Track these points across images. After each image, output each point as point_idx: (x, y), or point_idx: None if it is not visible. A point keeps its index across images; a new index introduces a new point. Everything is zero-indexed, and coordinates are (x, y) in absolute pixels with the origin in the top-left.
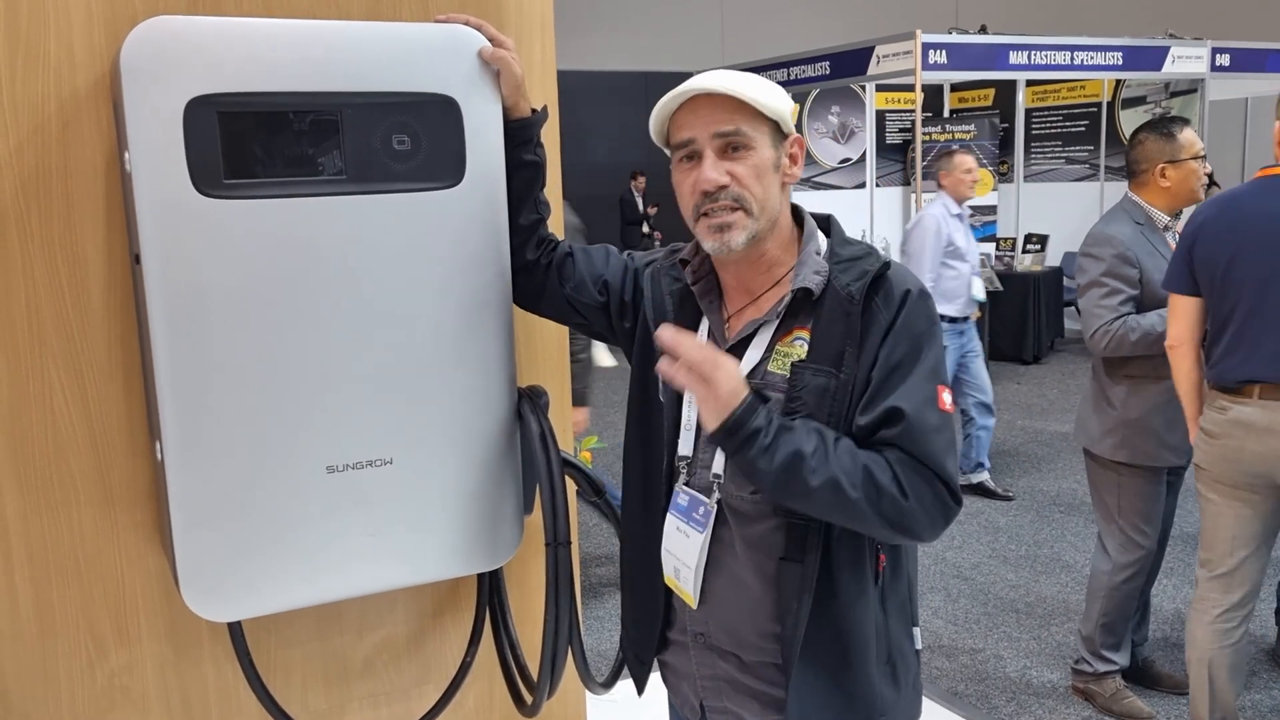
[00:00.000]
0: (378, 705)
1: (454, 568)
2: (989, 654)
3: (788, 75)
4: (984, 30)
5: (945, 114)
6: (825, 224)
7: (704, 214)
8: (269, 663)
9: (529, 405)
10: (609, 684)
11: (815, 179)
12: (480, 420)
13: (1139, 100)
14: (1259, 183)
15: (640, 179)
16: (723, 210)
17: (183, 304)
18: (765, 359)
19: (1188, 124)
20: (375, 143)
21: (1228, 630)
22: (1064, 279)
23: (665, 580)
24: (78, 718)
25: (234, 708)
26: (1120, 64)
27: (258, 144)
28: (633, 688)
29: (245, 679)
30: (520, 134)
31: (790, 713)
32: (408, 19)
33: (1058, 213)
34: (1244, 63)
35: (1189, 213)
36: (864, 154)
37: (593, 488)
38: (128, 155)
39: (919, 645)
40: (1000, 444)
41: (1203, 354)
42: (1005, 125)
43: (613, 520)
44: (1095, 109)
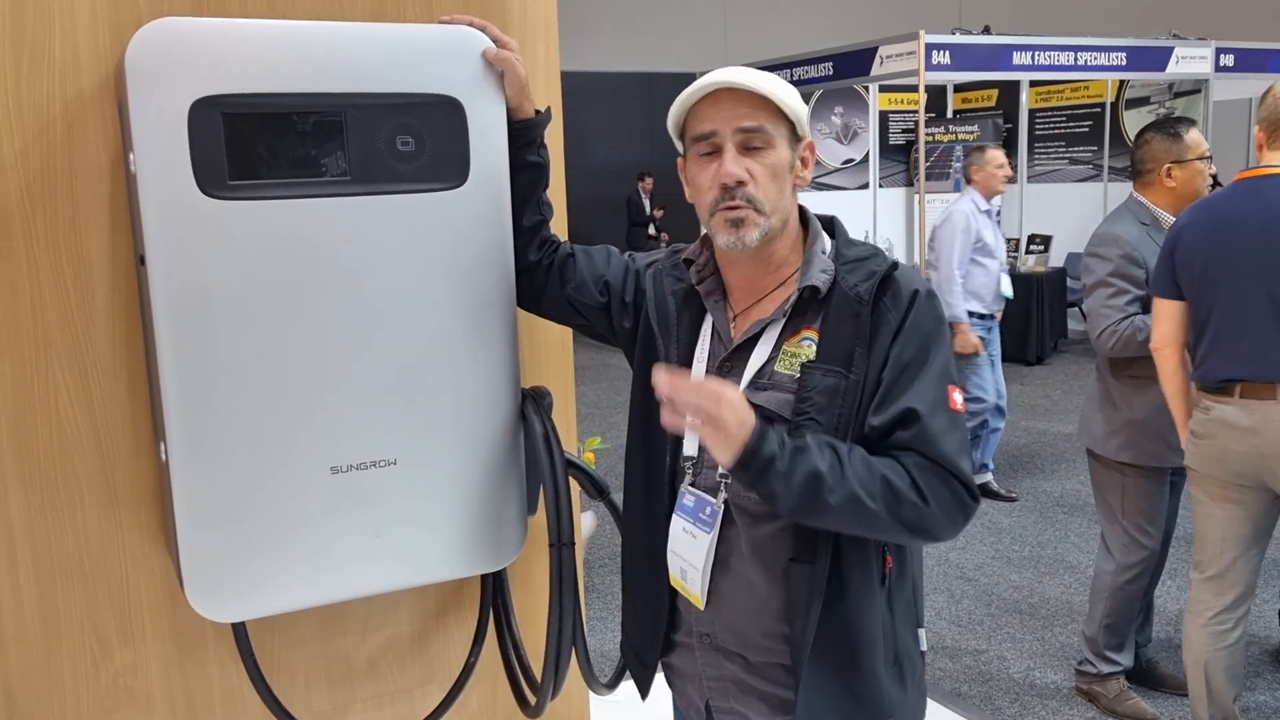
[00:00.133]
0: (381, 706)
1: (458, 568)
2: (992, 655)
3: (791, 76)
4: (987, 31)
5: (949, 115)
6: (829, 225)
7: (721, 208)
8: (273, 663)
9: (533, 406)
10: (612, 685)
11: (818, 179)
12: (484, 421)
13: (1143, 101)
14: (1237, 185)
15: (647, 180)
16: (738, 207)
17: (187, 305)
18: (772, 359)
19: (1194, 124)
20: (379, 144)
21: (1223, 632)
22: (1067, 280)
23: (671, 582)
24: (82, 718)
25: (238, 708)
26: (1124, 64)
27: (262, 145)
28: (636, 689)
29: (249, 679)
30: (524, 135)
31: (800, 714)
32: (412, 20)
33: (1061, 213)
34: (1248, 63)
35: None
36: (867, 155)
37: (596, 489)
38: (132, 156)
39: (924, 646)
40: (1003, 445)
41: (1188, 357)
42: (1009, 126)
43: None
44: (1099, 109)
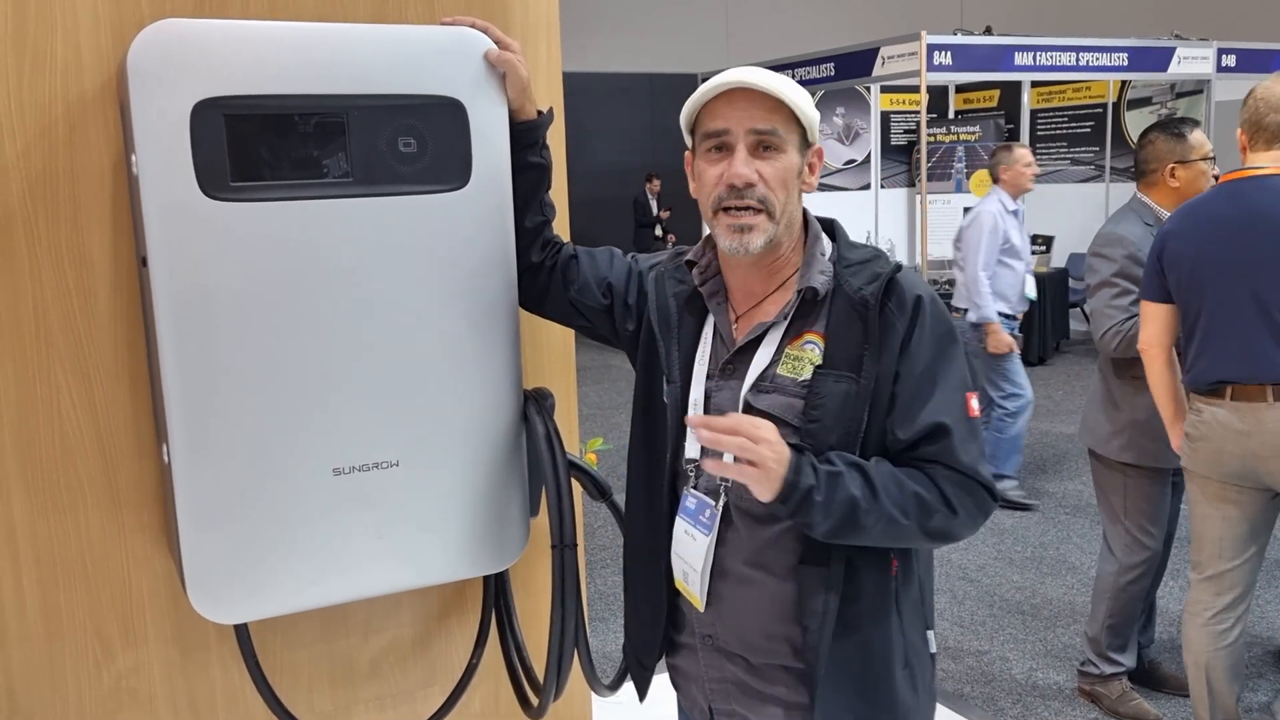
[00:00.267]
0: (384, 707)
1: (460, 570)
2: (995, 656)
3: (793, 76)
4: (989, 31)
5: (950, 115)
6: (829, 228)
7: (725, 209)
8: (275, 665)
9: (535, 407)
10: (615, 686)
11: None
12: (486, 422)
13: (1145, 101)
14: (1222, 188)
15: (655, 182)
16: (745, 211)
17: (189, 306)
18: (774, 361)
19: (1198, 125)
20: (381, 145)
21: (1222, 632)
22: (1069, 280)
23: (675, 583)
24: None
25: (240, 709)
26: (1126, 65)
27: (264, 146)
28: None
29: (251, 681)
30: (526, 136)
31: (819, 718)
32: (413, 21)
33: (1063, 214)
34: (1250, 63)
35: None
36: (869, 155)
37: (598, 490)
38: (135, 158)
39: (933, 648)
40: None
41: (1176, 358)
42: (1010, 126)
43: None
44: (1101, 110)
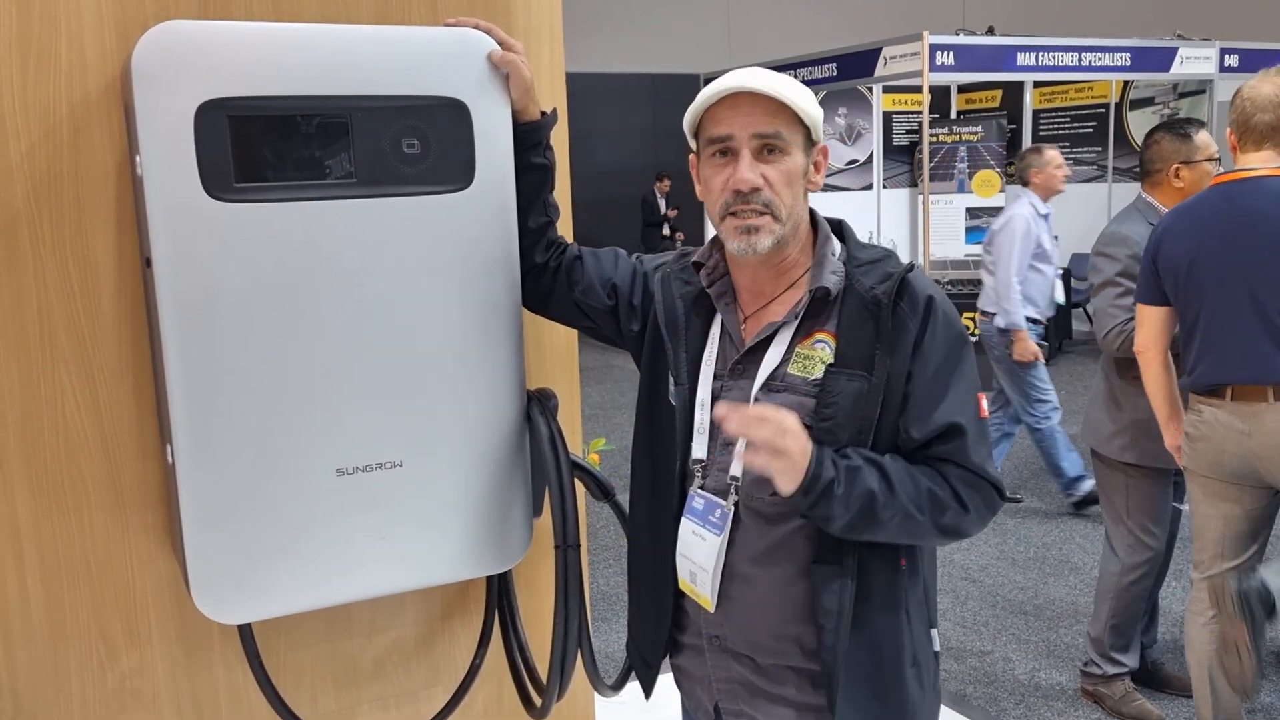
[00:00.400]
0: (387, 707)
1: (463, 570)
2: (997, 656)
3: (795, 77)
4: (991, 31)
5: (952, 115)
6: (838, 228)
7: (732, 213)
8: (279, 665)
9: (538, 408)
10: (618, 686)
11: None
12: (489, 423)
13: (1147, 101)
14: (1214, 190)
15: (665, 182)
16: (751, 213)
17: (193, 307)
18: (784, 361)
19: (1204, 126)
20: (385, 146)
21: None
22: (1072, 280)
23: (680, 584)
24: None
25: (244, 710)
26: (1128, 65)
27: (268, 147)
28: (640, 689)
29: (255, 681)
30: (529, 137)
31: (838, 718)
32: (417, 23)
33: (1065, 214)
34: (1252, 63)
35: None
36: (871, 156)
37: (601, 490)
38: (139, 159)
39: (937, 647)
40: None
41: (1171, 360)
42: (1013, 127)
43: (624, 523)
44: (1103, 110)
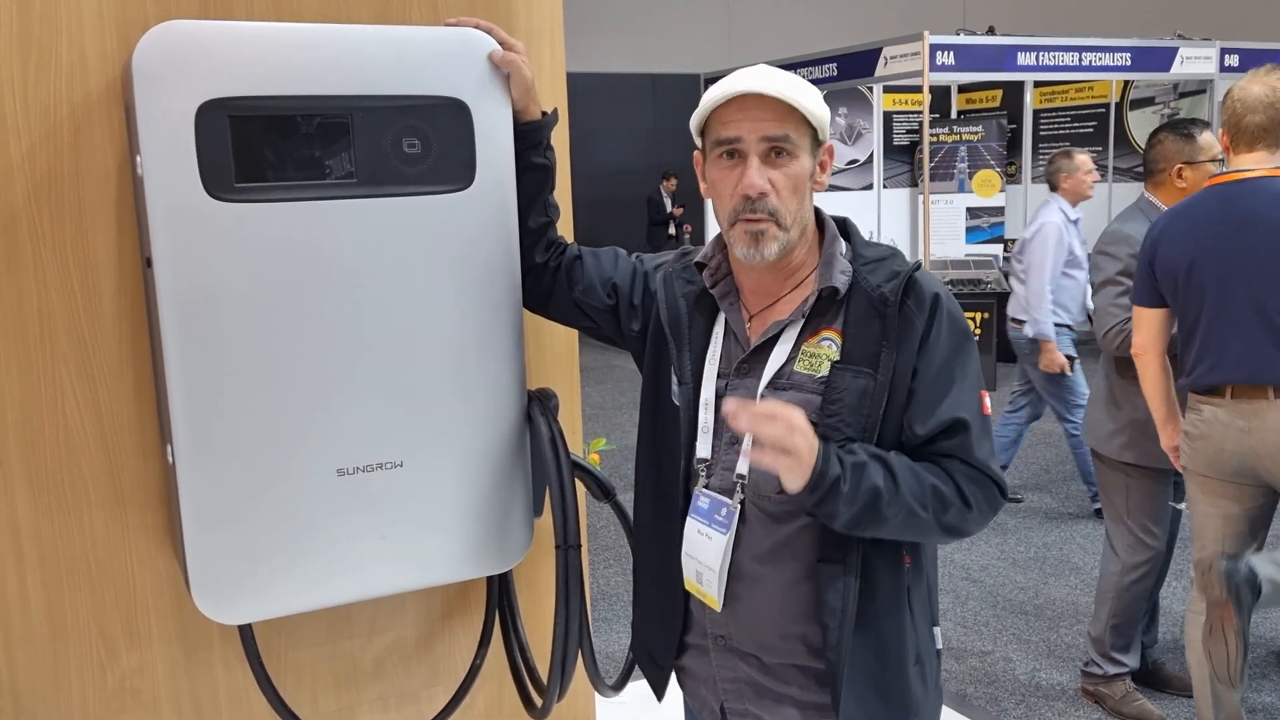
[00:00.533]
0: (387, 708)
1: (464, 570)
2: (998, 656)
3: None
4: (991, 31)
5: (953, 115)
6: (843, 226)
7: (742, 219)
8: (279, 665)
9: (539, 408)
10: (618, 687)
11: None
12: (490, 423)
13: (1147, 101)
14: (1210, 191)
15: (671, 181)
16: (759, 219)
17: (194, 307)
18: (791, 359)
19: (1208, 126)
20: (386, 146)
21: None
22: None
23: (685, 584)
24: None
25: (244, 710)
26: (1128, 65)
27: (269, 147)
28: (644, 690)
29: (256, 681)
30: (530, 137)
31: (842, 716)
32: (418, 22)
33: None
34: (1253, 63)
35: None
36: (871, 155)
37: (602, 490)
38: (139, 159)
39: (939, 645)
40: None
41: (1168, 362)
42: (1013, 126)
43: (625, 524)
44: (1103, 110)
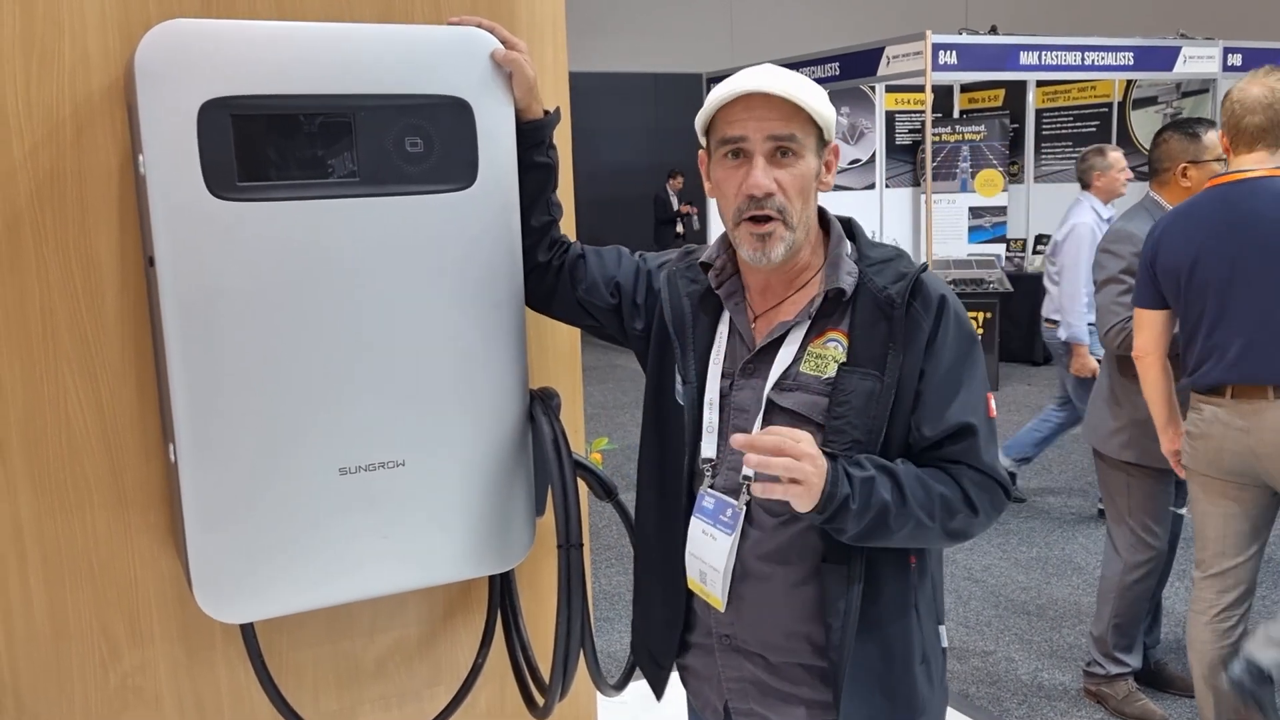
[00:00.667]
0: (389, 707)
1: (466, 569)
2: (1000, 656)
3: None
4: (994, 31)
5: (955, 115)
6: (848, 227)
7: (747, 219)
8: (281, 664)
9: (541, 407)
10: (620, 686)
11: None
12: (492, 422)
13: (1150, 101)
14: (1211, 192)
15: (678, 179)
16: (765, 218)
17: (196, 306)
18: (797, 360)
19: (1213, 126)
20: (388, 145)
21: (1226, 630)
22: None
23: (689, 584)
24: (90, 719)
25: (246, 709)
26: (1131, 64)
27: (271, 146)
28: (645, 690)
29: (257, 680)
30: (532, 136)
31: (843, 716)
32: (420, 21)
33: None
34: (1256, 63)
35: None
36: (873, 155)
37: (604, 489)
38: (142, 158)
39: (945, 643)
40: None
41: (1169, 365)
42: (1015, 126)
43: (627, 523)
44: (1106, 109)
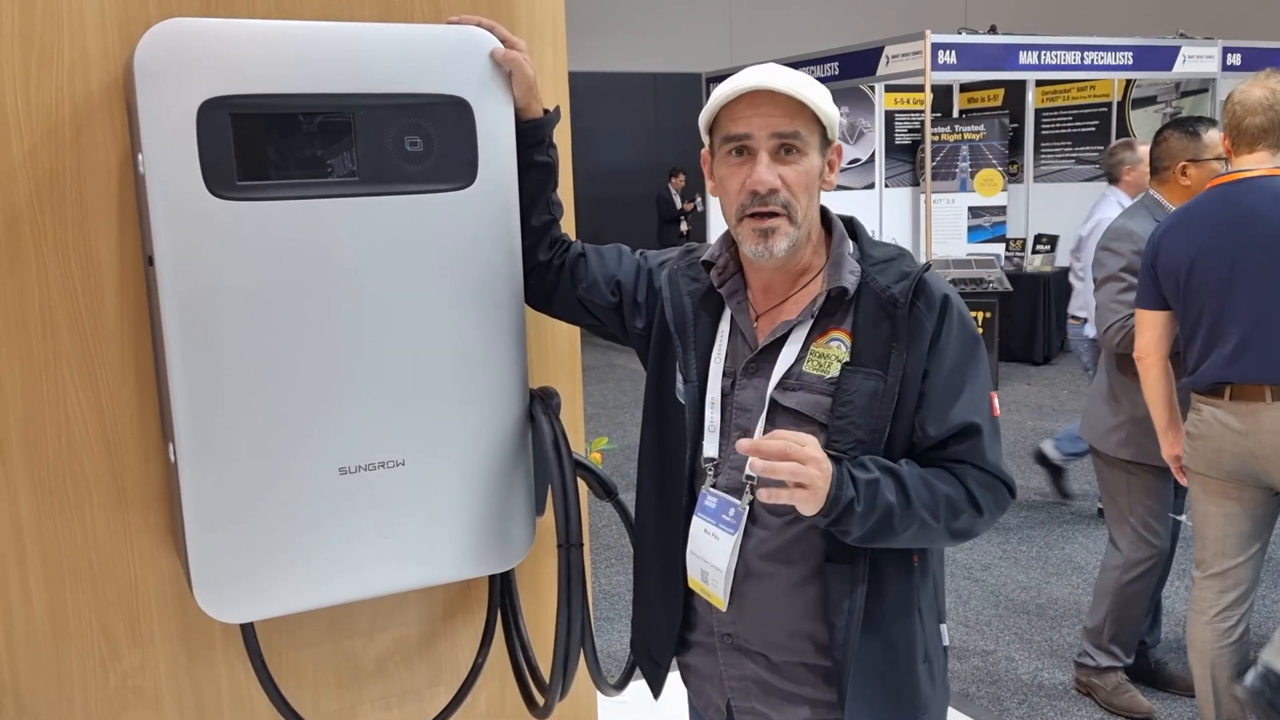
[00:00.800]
0: (389, 706)
1: (466, 569)
2: (1000, 656)
3: None
4: (993, 30)
5: (954, 114)
6: (850, 225)
7: (750, 215)
8: (281, 664)
9: (541, 406)
10: (620, 685)
11: None
12: (492, 421)
13: (1149, 100)
14: (1212, 192)
15: (679, 178)
16: (769, 214)
17: (196, 305)
18: (800, 359)
19: (1214, 125)
20: (388, 144)
21: (1227, 629)
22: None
23: (689, 583)
24: (90, 719)
25: (246, 709)
26: (1130, 64)
27: (271, 145)
28: (646, 689)
29: (257, 680)
30: (532, 135)
31: (847, 715)
32: (419, 20)
33: (1067, 213)
34: (1255, 62)
35: None
36: (873, 154)
37: (604, 489)
38: (141, 157)
39: (946, 641)
40: (1009, 445)
41: (1170, 366)
42: (1015, 125)
43: (627, 522)
44: (1105, 109)
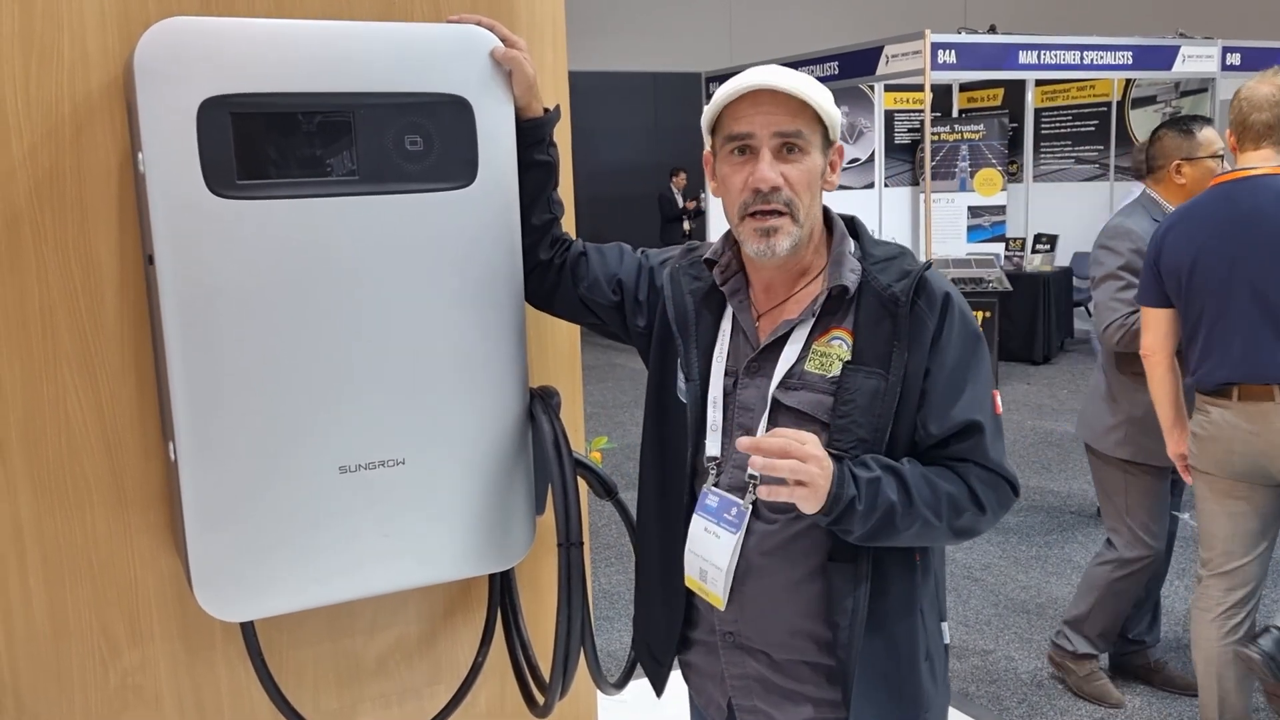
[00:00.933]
0: (389, 705)
1: (466, 568)
2: (1000, 655)
3: None
4: (993, 30)
5: (954, 114)
6: (851, 224)
7: (751, 214)
8: (281, 663)
9: (541, 405)
10: (621, 684)
11: None
12: (492, 420)
13: (1149, 100)
14: (1215, 190)
15: (680, 177)
16: (772, 213)
17: (196, 304)
18: (801, 358)
19: (1209, 123)
20: (388, 143)
21: (1232, 628)
22: (1073, 279)
23: (687, 582)
24: (90, 718)
25: (246, 708)
26: (1130, 63)
27: (271, 144)
28: (646, 688)
29: (258, 679)
30: (533, 134)
31: (852, 715)
32: (420, 19)
33: (1067, 213)
34: (1255, 62)
35: None
36: (873, 154)
37: (604, 488)
38: (141, 156)
39: (947, 640)
40: (1010, 445)
41: (1176, 362)
42: (1014, 125)
43: (627, 521)
44: (1105, 108)
